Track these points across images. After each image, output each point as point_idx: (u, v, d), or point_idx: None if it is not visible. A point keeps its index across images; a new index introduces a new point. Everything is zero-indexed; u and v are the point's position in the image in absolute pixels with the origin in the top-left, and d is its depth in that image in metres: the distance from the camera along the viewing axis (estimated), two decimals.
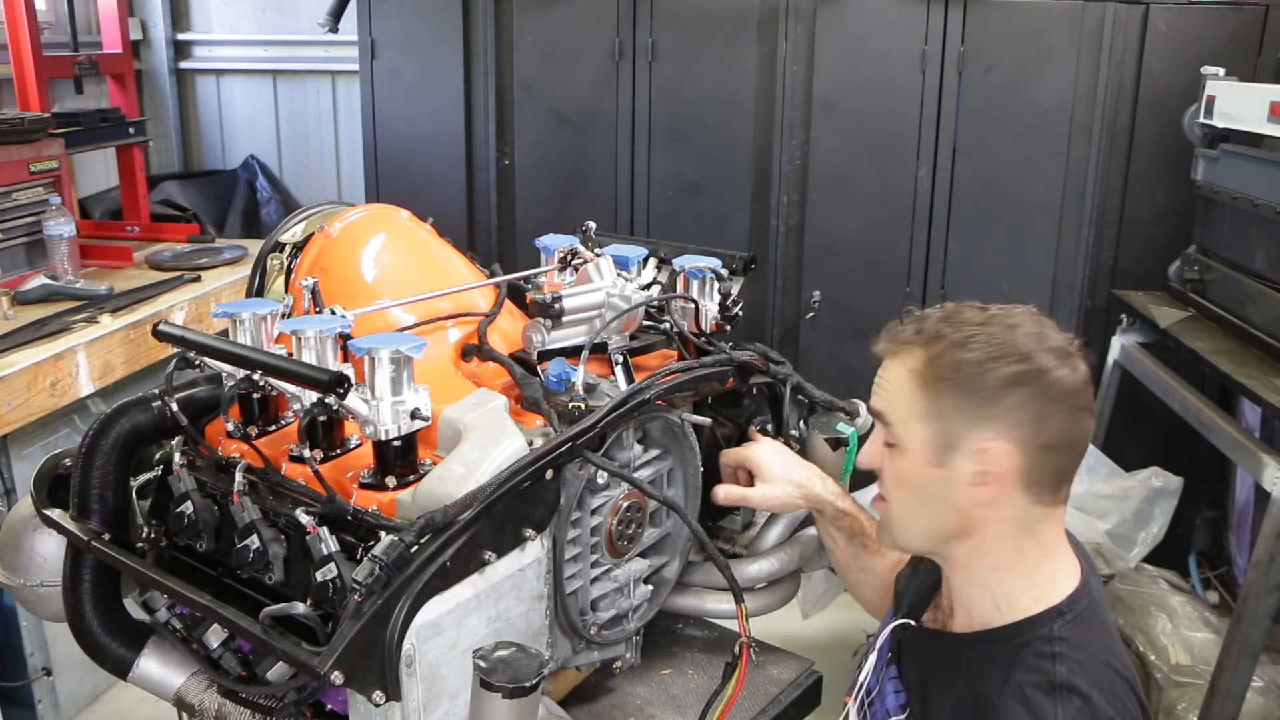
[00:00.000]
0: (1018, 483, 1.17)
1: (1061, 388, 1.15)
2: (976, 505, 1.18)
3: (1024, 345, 1.16)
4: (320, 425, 1.33)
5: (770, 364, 1.65)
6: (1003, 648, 1.18)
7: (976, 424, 1.16)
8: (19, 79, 3.42)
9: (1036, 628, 1.17)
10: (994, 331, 1.17)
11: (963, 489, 1.18)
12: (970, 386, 1.16)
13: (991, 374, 1.15)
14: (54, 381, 2.58)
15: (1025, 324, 1.18)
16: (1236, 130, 2.78)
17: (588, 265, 1.59)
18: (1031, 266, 3.43)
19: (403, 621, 1.14)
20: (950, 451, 1.18)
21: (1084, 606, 1.19)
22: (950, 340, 1.18)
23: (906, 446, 1.21)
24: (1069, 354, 1.18)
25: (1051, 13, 3.27)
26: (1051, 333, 1.19)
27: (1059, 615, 1.18)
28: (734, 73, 3.50)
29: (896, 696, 1.30)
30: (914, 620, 1.34)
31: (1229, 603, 3.29)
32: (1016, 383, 1.15)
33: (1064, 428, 1.16)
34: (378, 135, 3.84)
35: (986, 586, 1.22)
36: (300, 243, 1.69)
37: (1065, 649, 1.14)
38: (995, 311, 1.21)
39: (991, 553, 1.21)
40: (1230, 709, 2.30)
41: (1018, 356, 1.15)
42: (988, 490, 1.17)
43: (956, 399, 1.17)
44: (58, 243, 3.13)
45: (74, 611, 1.45)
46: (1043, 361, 1.15)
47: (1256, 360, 2.59)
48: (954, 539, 1.22)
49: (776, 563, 1.64)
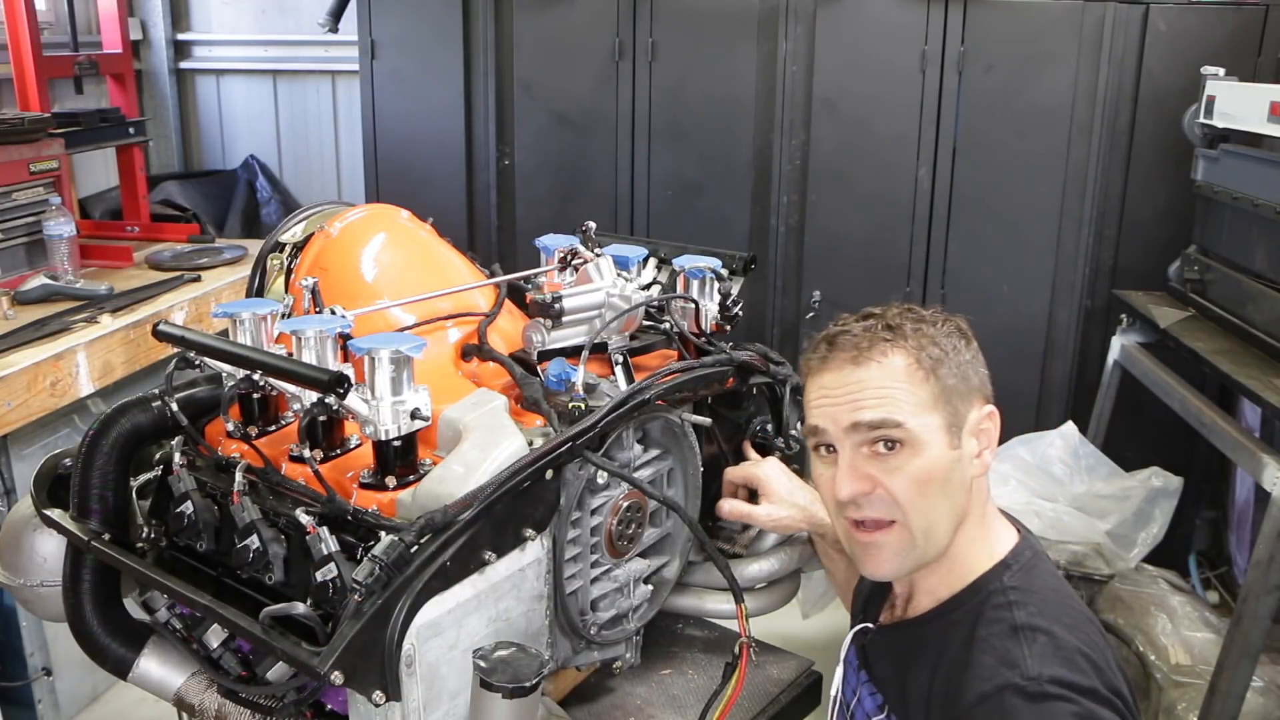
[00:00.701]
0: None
1: (969, 334, 1.25)
2: (979, 476, 1.23)
3: (934, 315, 1.24)
4: (320, 425, 1.33)
5: (770, 364, 1.65)
6: (960, 612, 1.21)
7: (972, 396, 1.22)
8: (19, 79, 3.42)
9: (988, 584, 1.21)
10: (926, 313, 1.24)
11: (971, 464, 1.22)
12: (956, 362, 1.21)
13: (958, 346, 1.22)
14: (54, 381, 2.58)
15: (901, 304, 1.27)
16: (1236, 130, 2.78)
17: (588, 265, 1.59)
18: (1031, 266, 3.43)
19: (403, 621, 1.14)
20: (959, 431, 1.21)
21: (1028, 557, 1.24)
22: (915, 329, 1.22)
23: (923, 439, 1.17)
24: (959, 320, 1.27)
25: (1051, 13, 3.27)
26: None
27: (1005, 568, 1.22)
28: (734, 73, 3.50)
29: (873, 699, 1.31)
30: (871, 623, 1.36)
31: (1229, 603, 3.29)
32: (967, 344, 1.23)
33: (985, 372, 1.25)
34: (378, 135, 3.84)
35: (946, 560, 1.23)
36: (300, 243, 1.69)
37: (1018, 595, 1.18)
38: (881, 306, 1.28)
39: (972, 523, 1.24)
40: (1230, 709, 2.30)
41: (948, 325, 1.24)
42: (990, 455, 1.23)
43: (956, 378, 1.21)
44: (58, 243, 3.13)
45: (74, 611, 1.45)
46: (955, 321, 1.25)
47: (1256, 360, 2.59)
48: (963, 523, 1.23)
49: (776, 563, 1.64)
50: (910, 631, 1.28)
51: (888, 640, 1.32)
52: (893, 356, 1.20)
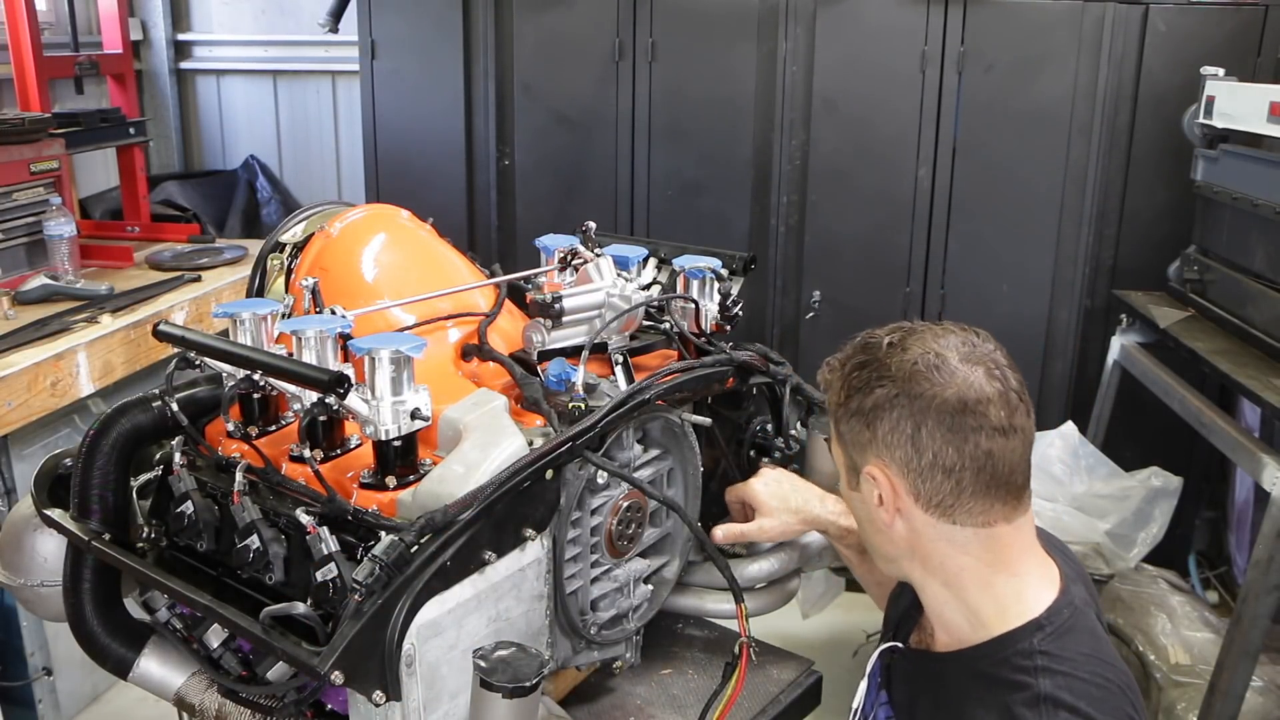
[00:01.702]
0: (916, 505, 1.16)
1: (934, 406, 1.12)
2: (889, 527, 1.19)
3: (903, 367, 1.14)
4: (320, 425, 1.33)
5: (770, 364, 1.65)
6: (983, 664, 1.16)
7: (863, 449, 1.19)
8: (19, 79, 3.42)
9: (1015, 642, 1.15)
10: (882, 355, 1.17)
11: (876, 512, 1.20)
12: (854, 412, 1.18)
13: (868, 398, 1.16)
14: (54, 381, 2.58)
15: (918, 345, 1.15)
16: (1236, 130, 2.78)
17: (588, 265, 1.59)
18: (1031, 266, 3.43)
19: (403, 621, 1.14)
20: (857, 476, 1.21)
21: (1065, 618, 1.16)
22: (849, 368, 1.20)
23: (841, 472, 1.27)
24: (956, 370, 1.13)
25: (1051, 13, 3.27)
26: (948, 350, 1.14)
27: (1038, 629, 1.15)
28: (734, 73, 3.50)
29: (884, 710, 1.30)
30: (901, 643, 1.33)
31: (1228, 602, 3.30)
32: (886, 405, 1.14)
33: (945, 449, 1.12)
34: (378, 135, 3.84)
35: (951, 603, 1.21)
36: (300, 243, 1.69)
37: (1047, 662, 1.12)
38: (904, 332, 1.19)
39: (936, 570, 1.20)
40: (1230, 709, 2.30)
41: (891, 378, 1.14)
42: (887, 513, 1.18)
43: (848, 426, 1.20)
44: (58, 243, 3.13)
45: (74, 611, 1.45)
46: (917, 382, 1.13)
47: (1256, 360, 2.59)
48: (903, 560, 1.22)
49: (776, 563, 1.64)
50: (930, 665, 1.26)
51: (909, 666, 1.31)
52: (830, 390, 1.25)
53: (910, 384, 1.13)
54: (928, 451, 1.13)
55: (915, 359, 1.14)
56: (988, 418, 1.12)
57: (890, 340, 1.18)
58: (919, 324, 1.20)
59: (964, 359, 1.14)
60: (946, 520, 1.16)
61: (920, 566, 1.21)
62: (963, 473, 1.13)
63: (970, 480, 1.13)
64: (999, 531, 1.16)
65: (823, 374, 1.27)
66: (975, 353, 1.15)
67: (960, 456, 1.12)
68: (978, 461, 1.12)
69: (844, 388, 1.20)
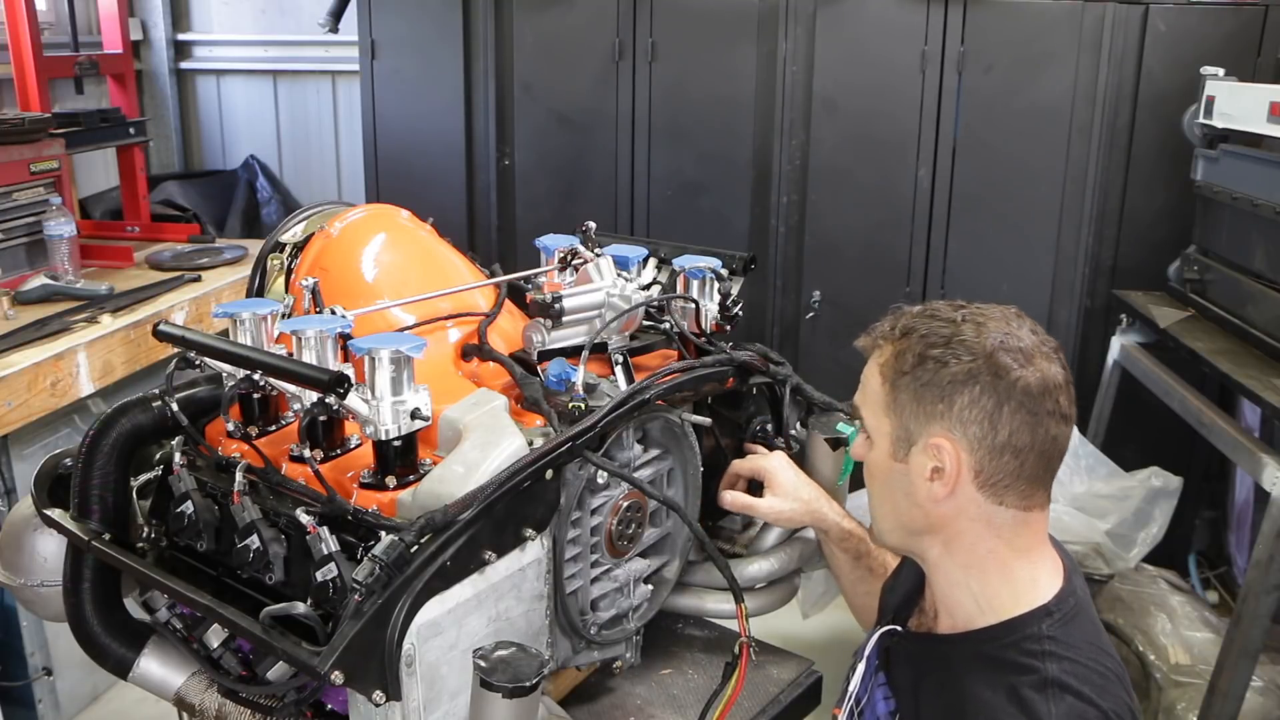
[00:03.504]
0: (973, 482, 1.17)
1: (1019, 388, 1.14)
2: (934, 501, 1.19)
3: (983, 344, 1.15)
4: (320, 425, 1.33)
5: (770, 364, 1.65)
6: (991, 646, 1.18)
7: (929, 420, 1.17)
8: (19, 79, 3.42)
9: (1025, 627, 1.17)
10: (958, 329, 1.18)
11: (921, 484, 1.19)
12: (925, 382, 1.17)
13: (946, 369, 1.16)
14: (54, 381, 2.58)
15: (993, 324, 1.18)
16: (1236, 130, 2.78)
17: (588, 265, 1.59)
18: (1031, 266, 3.43)
19: (403, 621, 1.14)
20: (908, 447, 1.20)
21: (1071, 606, 1.19)
22: (915, 337, 1.19)
23: (875, 440, 1.24)
24: (1034, 356, 1.16)
25: (1051, 13, 3.27)
26: (1023, 333, 1.18)
27: (1046, 615, 1.17)
28: (734, 73, 3.50)
29: (886, 703, 1.30)
30: (900, 626, 1.34)
31: (1228, 602, 3.29)
32: (969, 380, 1.15)
33: (1020, 429, 1.15)
34: (378, 135, 3.84)
35: (964, 585, 1.22)
36: (300, 243, 1.69)
37: (1055, 647, 1.15)
38: (969, 310, 1.21)
39: (960, 551, 1.21)
40: (1230, 709, 2.30)
41: (973, 354, 1.15)
42: (942, 487, 1.17)
43: (912, 394, 1.18)
44: (58, 243, 3.13)
45: (74, 611, 1.45)
46: (1001, 360, 1.14)
47: (1256, 360, 2.59)
48: (923, 535, 1.23)
49: (776, 563, 1.64)
50: (936, 647, 1.27)
51: (913, 648, 1.31)
52: (879, 355, 1.24)
53: (993, 361, 1.14)
54: (1004, 430, 1.14)
55: (998, 338, 1.16)
56: (1059, 404, 1.16)
57: (964, 315, 1.19)
58: (976, 304, 1.22)
59: (1038, 344, 1.17)
60: (994, 500, 1.17)
61: (942, 545, 1.22)
62: (1028, 454, 1.15)
63: (1032, 463, 1.16)
64: (1033, 517, 1.20)
65: (869, 340, 1.25)
66: (1042, 340, 1.18)
67: (1032, 439, 1.15)
68: (1044, 446, 1.16)
69: (912, 356, 1.18)
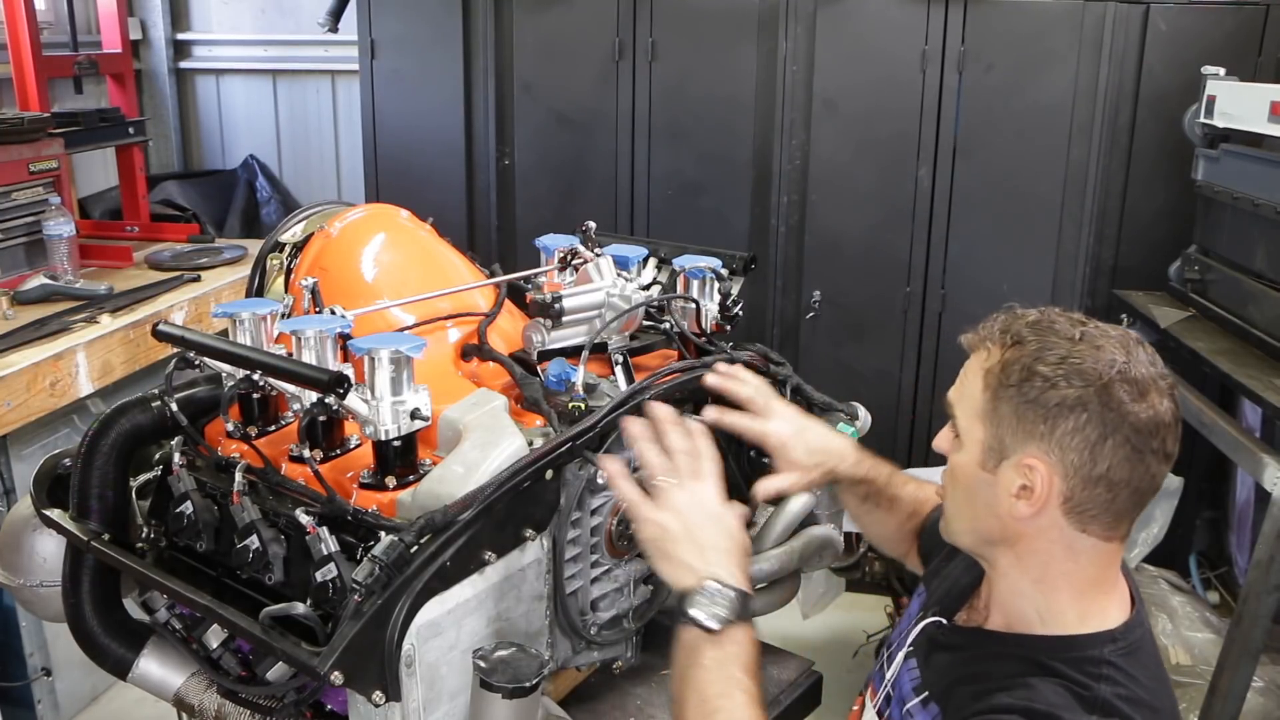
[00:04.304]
0: (1060, 507, 1.13)
1: (1128, 423, 1.09)
2: (1015, 518, 1.15)
3: (1098, 370, 1.10)
4: (320, 425, 1.32)
5: (770, 364, 1.65)
6: (1047, 655, 1.15)
7: (1027, 439, 1.12)
8: (18, 79, 3.42)
9: (1087, 647, 1.14)
10: (1074, 349, 1.12)
11: (1005, 499, 1.15)
12: (1030, 400, 1.12)
13: (1054, 391, 1.11)
14: (53, 381, 2.58)
15: (1111, 348, 1.12)
16: (1237, 130, 2.78)
17: (588, 265, 1.59)
18: (1032, 266, 3.43)
19: (403, 621, 1.14)
20: (999, 459, 1.15)
21: (1137, 638, 1.16)
22: (1028, 348, 1.15)
23: (965, 443, 1.20)
24: (1149, 390, 1.10)
25: (1052, 12, 3.27)
26: (1139, 364, 1.12)
27: (1111, 640, 1.15)
28: (734, 72, 3.49)
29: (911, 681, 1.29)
30: (946, 619, 1.32)
31: (1229, 603, 3.29)
32: (1077, 407, 1.10)
33: (1121, 464, 1.10)
34: (378, 135, 3.84)
35: (1030, 597, 1.19)
36: (300, 243, 1.69)
37: (1113, 673, 1.12)
38: (1089, 329, 1.16)
39: (1034, 567, 1.18)
40: (1231, 709, 2.30)
41: (1086, 380, 1.10)
42: (1026, 506, 1.14)
43: (1014, 409, 1.14)
44: (57, 242, 3.12)
45: (74, 612, 1.45)
46: (1114, 392, 1.09)
47: (1257, 360, 2.59)
48: (997, 544, 1.20)
49: (776, 563, 1.63)
50: (985, 642, 1.24)
51: (958, 639, 1.29)
52: (985, 358, 1.19)
53: (1107, 393, 1.09)
54: (1104, 463, 1.10)
55: (1115, 366, 1.10)
56: (1165, 444, 1.12)
57: (1083, 334, 1.15)
58: (1095, 322, 1.18)
59: (1153, 378, 1.12)
60: (1077, 528, 1.14)
61: (1015, 558, 1.19)
62: (1123, 489, 1.12)
63: (1125, 499, 1.13)
64: (1113, 548, 1.17)
65: (976, 339, 1.21)
66: (1160, 374, 1.13)
67: (1130, 475, 1.11)
68: (1141, 483, 1.12)
69: (1020, 369, 1.14)
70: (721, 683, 1.15)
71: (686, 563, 1.22)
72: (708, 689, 1.15)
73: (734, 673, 1.16)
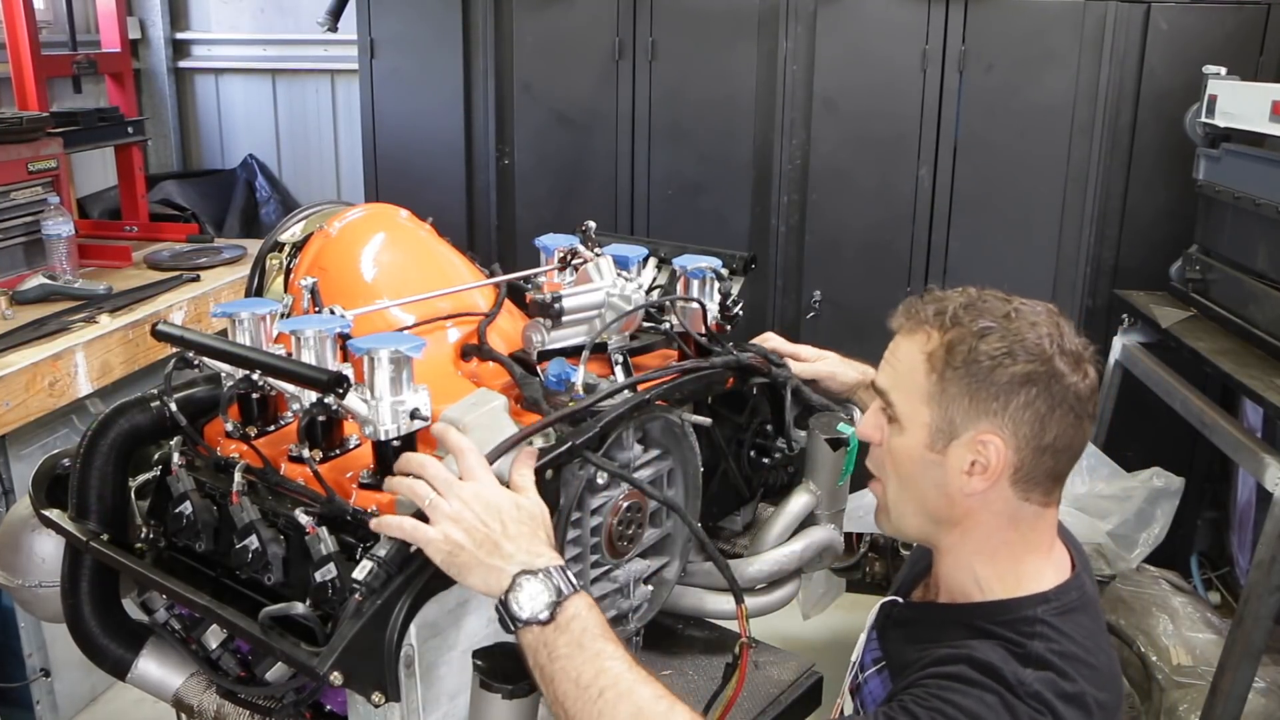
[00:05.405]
0: (1009, 478, 1.18)
1: (1070, 393, 1.16)
2: (966, 495, 1.19)
3: (1041, 346, 1.16)
4: (320, 425, 1.32)
5: (771, 365, 1.65)
6: (982, 619, 1.20)
7: (979, 416, 1.17)
8: (17, 78, 3.42)
9: (1020, 609, 1.19)
10: (1014, 326, 1.17)
11: (955, 477, 1.19)
12: (980, 379, 1.16)
13: (1004, 369, 1.15)
14: (52, 381, 2.58)
15: (1044, 323, 1.18)
16: (1238, 130, 2.78)
17: (588, 265, 1.59)
18: (1032, 266, 3.43)
19: (402, 621, 1.13)
20: (949, 439, 1.19)
21: (1072, 599, 1.21)
22: (969, 329, 1.18)
23: (907, 427, 1.22)
24: (1082, 359, 1.18)
25: (1052, 12, 3.27)
26: (1069, 336, 1.19)
27: (1044, 601, 1.19)
28: (734, 72, 3.49)
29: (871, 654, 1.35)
30: (901, 598, 1.39)
31: (1231, 603, 3.29)
32: (1027, 382, 1.15)
33: (1065, 432, 1.17)
34: (377, 135, 3.84)
35: (969, 569, 1.24)
36: (299, 242, 1.68)
37: (1046, 630, 1.16)
38: (1018, 305, 1.21)
39: (975, 540, 1.23)
40: (1232, 710, 2.30)
41: (1031, 356, 1.15)
42: (979, 481, 1.18)
43: (964, 389, 1.17)
44: (56, 242, 3.12)
45: (72, 612, 1.44)
46: (1057, 365, 1.15)
47: (1258, 360, 2.58)
48: (943, 524, 1.24)
49: (776, 563, 1.63)
50: (931, 613, 1.31)
51: (910, 614, 1.35)
52: (922, 341, 1.22)
53: (1052, 365, 1.15)
54: (1051, 432, 1.16)
55: (1053, 341, 1.17)
56: (1094, 408, 1.20)
57: (1015, 311, 1.19)
58: (1019, 298, 1.22)
59: (1083, 348, 1.19)
60: (1021, 496, 1.19)
61: (959, 532, 1.23)
62: (1064, 455, 1.18)
63: (1064, 463, 1.20)
64: (1049, 512, 1.23)
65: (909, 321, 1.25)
66: (1083, 343, 1.20)
67: (1072, 441, 1.18)
68: (1078, 447, 1.19)
69: (966, 349, 1.17)
70: (588, 662, 1.06)
71: (487, 565, 1.10)
72: (580, 675, 1.06)
73: (594, 645, 1.07)
